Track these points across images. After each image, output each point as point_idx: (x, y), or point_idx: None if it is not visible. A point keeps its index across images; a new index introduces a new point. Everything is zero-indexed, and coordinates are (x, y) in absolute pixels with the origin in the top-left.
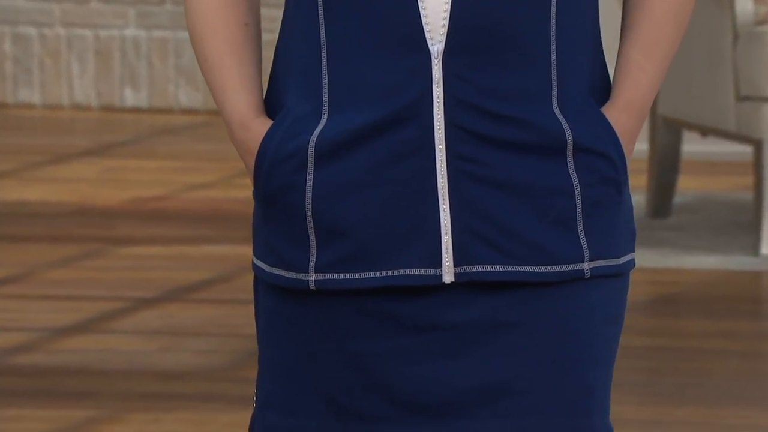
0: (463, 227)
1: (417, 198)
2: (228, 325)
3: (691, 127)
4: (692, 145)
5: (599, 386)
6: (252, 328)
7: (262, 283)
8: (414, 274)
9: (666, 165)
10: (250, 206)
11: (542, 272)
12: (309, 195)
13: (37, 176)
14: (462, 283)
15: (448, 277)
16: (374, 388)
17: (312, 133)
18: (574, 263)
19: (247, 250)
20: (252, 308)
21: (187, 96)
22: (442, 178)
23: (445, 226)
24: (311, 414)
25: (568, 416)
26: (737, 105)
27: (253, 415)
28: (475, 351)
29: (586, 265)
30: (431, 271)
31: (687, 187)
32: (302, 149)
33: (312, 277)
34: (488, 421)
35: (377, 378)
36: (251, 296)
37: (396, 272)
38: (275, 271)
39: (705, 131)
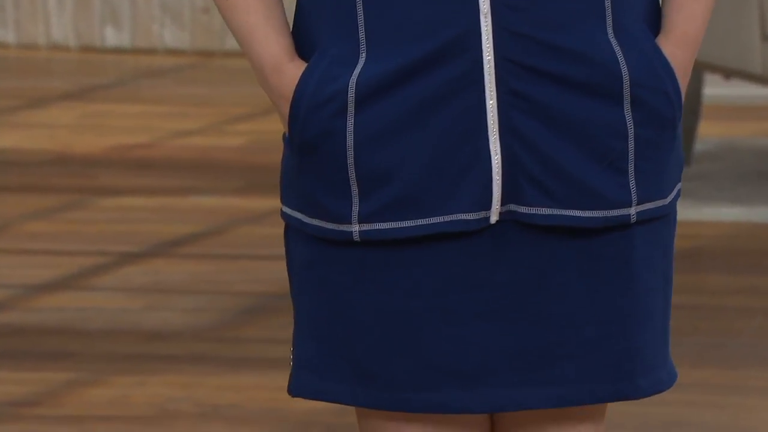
0: (513, 167)
1: (465, 138)
2: (218, 281)
3: (714, 69)
4: (714, 89)
5: (647, 344)
6: (244, 285)
7: (297, 235)
8: (465, 219)
9: (686, 110)
10: (241, 154)
11: (588, 217)
12: (350, 141)
13: (12, 122)
14: (504, 233)
15: (493, 217)
16: (406, 350)
17: (351, 75)
18: (621, 208)
19: (238, 202)
20: (245, 263)
21: (172, 36)
22: (492, 115)
23: (496, 165)
24: (338, 377)
25: (610, 381)
26: (763, 45)
27: (290, 375)
28: (515, 312)
29: (632, 210)
30: (481, 214)
31: (709, 133)
32: (341, 92)
33: (356, 227)
34: (525, 390)
35: (410, 339)
36: (243, 251)
37: (446, 218)
38: (315, 222)
39: (728, 73)
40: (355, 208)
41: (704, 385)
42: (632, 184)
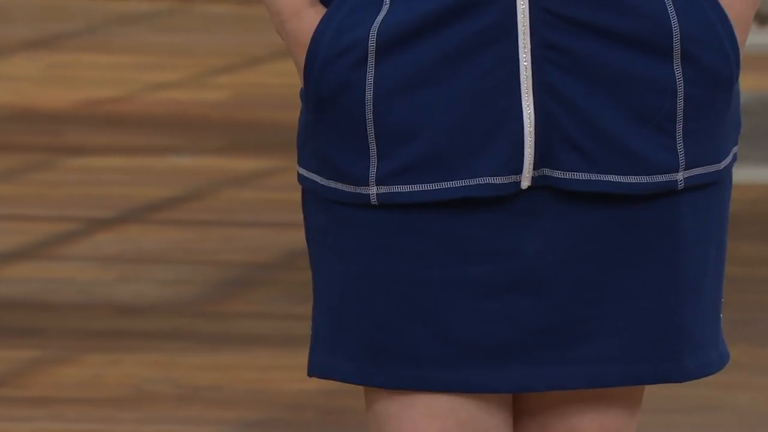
0: (548, 127)
1: (496, 93)
2: (199, 250)
3: None
4: (749, 36)
5: (696, 321)
6: (227, 254)
7: (313, 199)
8: (493, 183)
9: None
10: (223, 110)
11: (630, 183)
12: (369, 94)
13: None
14: (537, 200)
15: (525, 183)
16: (426, 324)
17: (373, 22)
18: (667, 173)
19: (220, 162)
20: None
21: None
22: (525, 69)
23: (529, 125)
24: (350, 354)
25: (651, 361)
26: None
27: (309, 353)
28: (545, 285)
29: (680, 175)
30: (511, 178)
31: (742, 86)
32: (362, 41)
33: (373, 190)
34: (554, 369)
35: (431, 311)
36: (225, 217)
37: (472, 181)
38: (332, 184)
39: (763, 20)
40: (373, 169)
41: (733, 364)
42: (680, 147)
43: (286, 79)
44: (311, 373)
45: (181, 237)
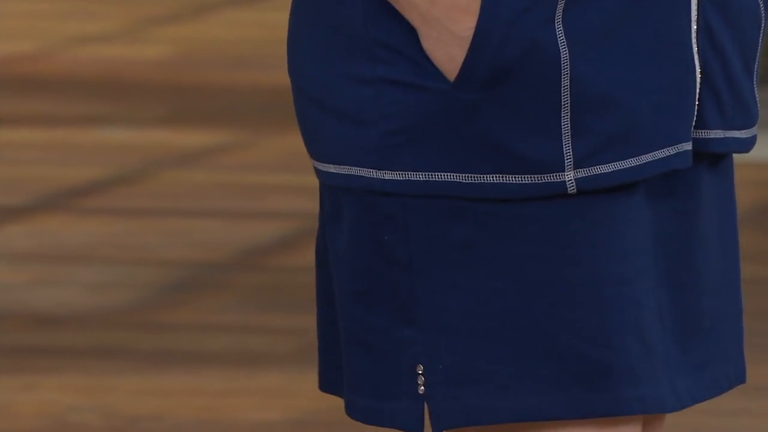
0: (708, 79)
1: (673, 41)
2: (135, 246)
3: None
4: None
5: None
6: (171, 251)
7: (433, 210)
8: (688, 150)
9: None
10: (165, 70)
11: (746, 138)
12: (564, 53)
13: None
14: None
15: (686, 146)
16: (633, 331)
17: None
18: (755, 125)
19: (161, 136)
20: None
21: None
22: (693, 9)
23: (699, 78)
24: (543, 383)
25: (733, 360)
26: None
27: (432, 401)
28: (676, 274)
29: (756, 129)
30: (689, 146)
31: None
32: None
33: (570, 175)
34: (690, 379)
35: (636, 315)
36: (168, 204)
37: (672, 150)
38: (496, 179)
39: None
40: (568, 149)
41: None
42: (757, 92)
43: (244, 31)
44: (474, 421)
45: (112, 229)
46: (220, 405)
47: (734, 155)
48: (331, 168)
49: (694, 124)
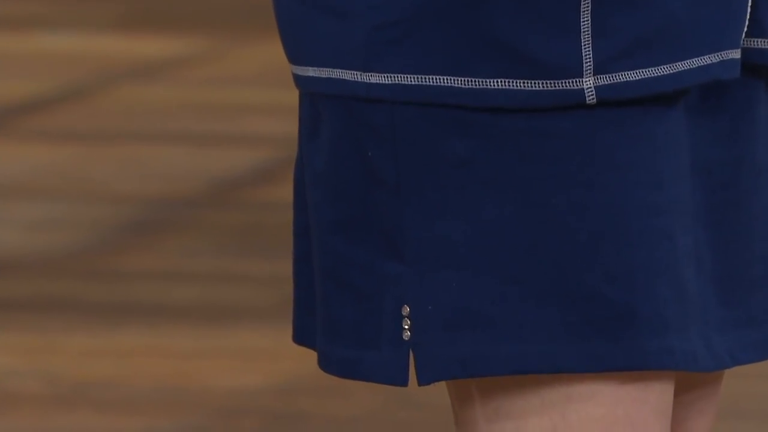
0: None
1: None
2: (84, 178)
3: None
4: None
5: None
6: (127, 184)
7: (426, 119)
8: (735, 59)
9: None
10: None
11: None
12: None
13: None
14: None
15: (734, 53)
16: (662, 269)
17: None
18: None
19: (116, 45)
20: None
21: None
22: None
23: None
24: (555, 330)
25: None
26: None
27: (419, 348)
28: (718, 210)
29: None
30: (737, 54)
31: None
32: None
33: (590, 81)
34: (732, 336)
35: (667, 251)
36: (123, 125)
37: (715, 57)
38: (503, 84)
39: None
40: (588, 51)
41: None
42: None
43: None
44: (470, 372)
45: (57, 156)
46: (187, 369)
47: None
48: (310, 71)
49: (747, 29)
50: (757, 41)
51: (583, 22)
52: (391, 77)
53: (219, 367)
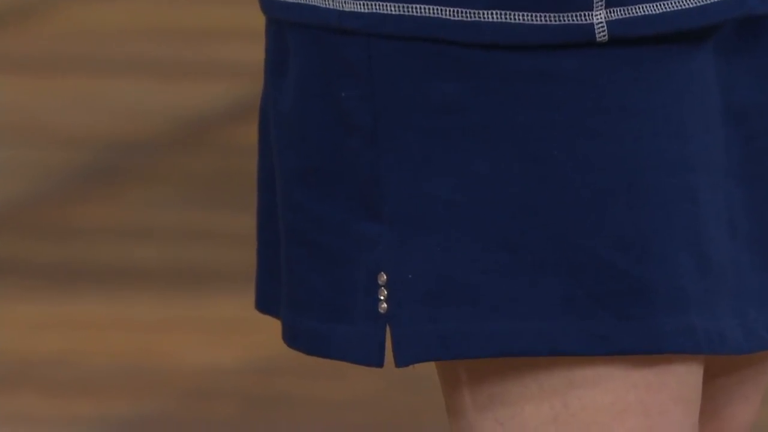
0: None
1: None
2: (27, 115)
3: None
4: None
5: None
6: (79, 123)
7: (419, 54)
8: None
9: None
10: None
11: None
12: None
13: None
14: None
15: None
16: (684, 236)
17: None
18: None
19: None
20: None
21: None
22: None
23: None
24: (555, 306)
25: None
26: None
27: (396, 323)
28: (756, 162)
29: None
30: None
31: None
32: None
33: (601, 15)
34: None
35: (689, 214)
36: (72, 50)
37: None
38: (499, 17)
39: None
40: None
41: None
42: None
43: None
44: (454, 353)
45: (12, 85)
46: (149, 343)
47: None
48: None
49: None
50: None
51: None
52: (367, 4)
53: (188, 342)
